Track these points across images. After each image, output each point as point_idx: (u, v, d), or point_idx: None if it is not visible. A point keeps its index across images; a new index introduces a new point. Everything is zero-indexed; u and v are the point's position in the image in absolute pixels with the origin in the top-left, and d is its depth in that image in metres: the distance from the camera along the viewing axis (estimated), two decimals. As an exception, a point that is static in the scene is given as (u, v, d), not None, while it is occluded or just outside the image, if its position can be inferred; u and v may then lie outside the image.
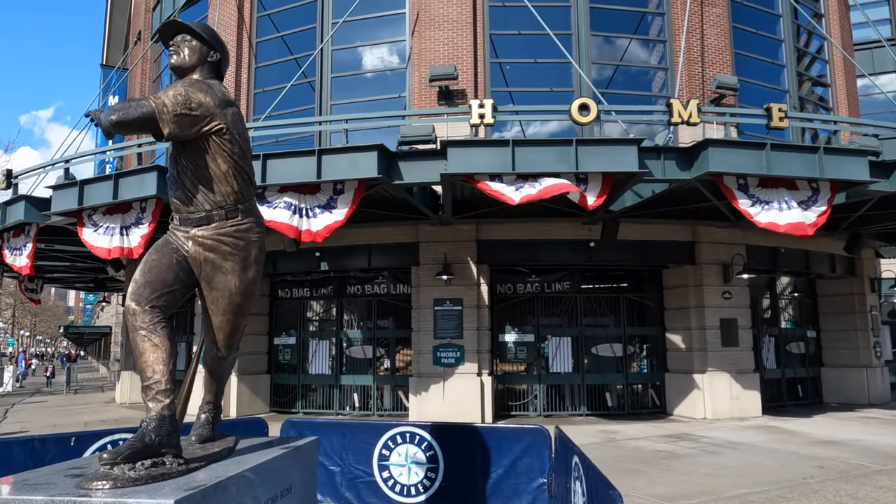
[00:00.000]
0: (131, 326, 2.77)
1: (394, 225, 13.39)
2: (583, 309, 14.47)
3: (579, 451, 4.14)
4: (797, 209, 9.78)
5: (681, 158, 10.10)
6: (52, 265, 19.16)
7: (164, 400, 2.71)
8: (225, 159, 3.02)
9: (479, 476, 5.37)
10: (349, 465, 5.65)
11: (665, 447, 10.19)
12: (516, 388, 14.25)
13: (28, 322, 77.13)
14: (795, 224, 9.84)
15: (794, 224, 9.83)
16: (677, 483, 7.75)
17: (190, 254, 3.04)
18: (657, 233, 13.57)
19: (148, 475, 2.49)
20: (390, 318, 15.00)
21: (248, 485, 2.75)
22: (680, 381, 13.80)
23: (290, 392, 15.28)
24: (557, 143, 9.75)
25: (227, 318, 3.15)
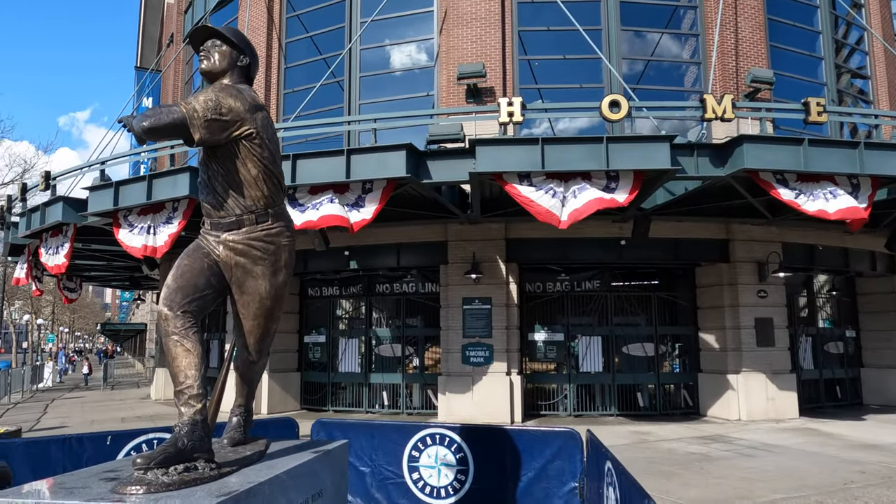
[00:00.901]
0: (163, 331, 2.79)
1: (422, 224, 13.38)
2: (613, 308, 14.29)
3: (612, 456, 4.07)
4: (845, 196, 9.41)
5: (714, 155, 9.89)
6: (89, 264, 19.61)
7: (196, 405, 2.72)
8: (255, 164, 3.02)
9: (510, 479, 5.32)
10: (379, 465, 5.65)
11: (698, 449, 10.01)
12: (546, 388, 14.14)
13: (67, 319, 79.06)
14: (848, 209, 9.43)
15: (847, 209, 9.42)
16: (711, 486, 7.60)
17: (221, 258, 3.05)
18: (690, 230, 13.33)
19: (181, 480, 2.50)
20: (419, 316, 15.01)
21: (280, 490, 2.75)
22: (713, 382, 13.55)
23: (320, 390, 15.40)
24: (587, 140, 9.63)
25: (258, 322, 3.16)
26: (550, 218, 9.76)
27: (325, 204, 10.07)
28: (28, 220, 14.23)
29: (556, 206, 9.63)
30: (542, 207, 9.74)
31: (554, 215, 9.73)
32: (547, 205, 9.67)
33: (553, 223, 9.75)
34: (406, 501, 5.55)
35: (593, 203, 9.61)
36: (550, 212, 9.72)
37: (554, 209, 9.69)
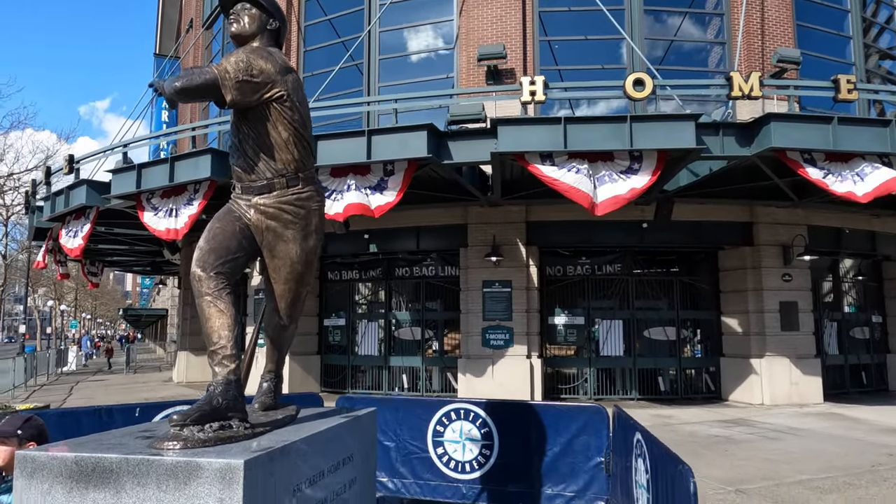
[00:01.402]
0: (197, 292, 2.79)
1: (442, 206, 13.35)
2: (634, 291, 14.18)
3: (642, 427, 4.03)
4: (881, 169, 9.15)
5: (740, 134, 9.73)
6: (111, 249, 19.85)
7: (230, 365, 2.72)
8: (286, 127, 3.00)
9: (535, 454, 5.30)
10: (403, 440, 5.66)
11: (721, 432, 9.93)
12: (566, 372, 14.10)
13: (89, 305, 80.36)
14: (885, 183, 9.11)
15: (884, 184, 9.11)
16: (736, 467, 7.53)
17: (252, 222, 3.04)
18: (713, 213, 13.16)
19: (216, 437, 2.51)
20: (438, 300, 15.01)
21: (312, 451, 2.75)
22: (736, 366, 13.42)
23: (340, 373, 15.49)
24: (611, 119, 9.52)
25: (289, 286, 3.15)
26: (580, 197, 9.54)
27: (347, 192, 10.05)
28: (52, 203, 14.40)
29: (585, 185, 9.43)
30: (566, 185, 9.60)
31: (586, 195, 9.49)
32: (571, 181, 9.53)
33: (584, 204, 9.54)
34: (431, 476, 5.56)
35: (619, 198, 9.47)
36: (580, 190, 9.50)
37: (583, 187, 9.48)
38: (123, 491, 2.26)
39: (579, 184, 9.57)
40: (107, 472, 2.27)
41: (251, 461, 2.25)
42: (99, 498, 2.26)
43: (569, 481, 5.20)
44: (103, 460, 2.28)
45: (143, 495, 2.24)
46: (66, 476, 2.29)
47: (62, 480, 2.29)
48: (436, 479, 5.54)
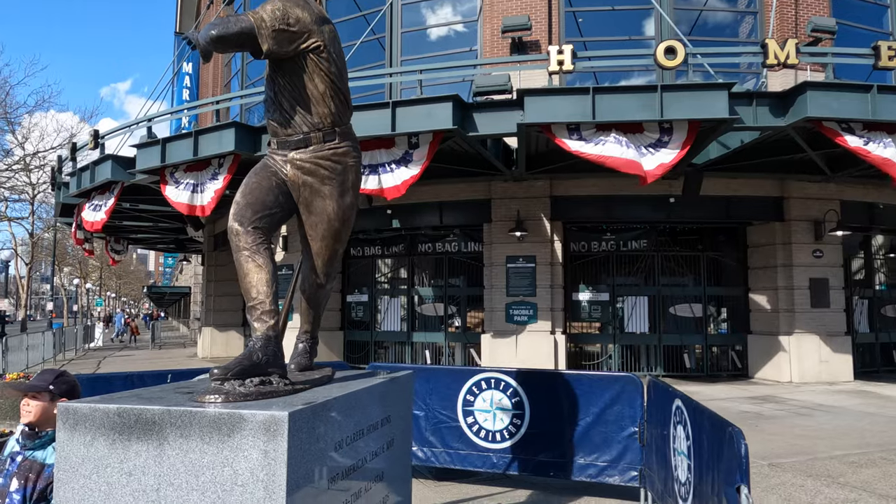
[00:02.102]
0: (234, 247, 2.73)
1: (465, 181, 13.22)
2: (660, 268, 14.00)
3: (682, 394, 3.94)
4: None
5: (775, 104, 9.45)
6: (135, 226, 20.02)
7: (269, 321, 2.67)
8: (322, 79, 2.91)
9: (567, 424, 5.23)
10: (433, 409, 5.62)
11: (751, 408, 9.80)
12: (590, 348, 14.01)
13: (113, 284, 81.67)
14: None
15: None
16: (768, 442, 7.42)
17: (289, 178, 2.97)
18: (743, 187, 12.89)
19: (258, 392, 2.47)
20: (461, 275, 14.95)
21: (353, 409, 2.70)
22: (764, 343, 13.22)
23: (362, 348, 15.54)
24: (641, 89, 9.29)
25: (326, 243, 3.08)
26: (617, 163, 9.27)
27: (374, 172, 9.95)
28: (78, 179, 14.51)
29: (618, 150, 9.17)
30: (596, 154, 9.39)
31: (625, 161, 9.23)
32: (601, 151, 9.31)
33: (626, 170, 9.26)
34: (461, 445, 5.52)
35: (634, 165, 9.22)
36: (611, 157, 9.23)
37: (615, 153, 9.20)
38: (166, 442, 2.22)
39: (611, 152, 9.33)
40: (149, 424, 2.24)
41: (295, 413, 2.20)
42: (142, 449, 2.23)
43: (601, 451, 5.13)
44: (146, 412, 2.24)
45: (186, 447, 2.20)
46: (108, 428, 2.26)
47: (105, 432, 2.26)
48: (466, 448, 5.50)
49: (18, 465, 2.70)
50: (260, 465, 2.15)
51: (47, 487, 2.66)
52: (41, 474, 2.67)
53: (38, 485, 2.66)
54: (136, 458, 2.23)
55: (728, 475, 2.86)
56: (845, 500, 5.27)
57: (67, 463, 2.27)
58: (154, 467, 2.22)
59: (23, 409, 2.78)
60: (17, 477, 2.67)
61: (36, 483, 2.66)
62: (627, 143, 9.12)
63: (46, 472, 2.68)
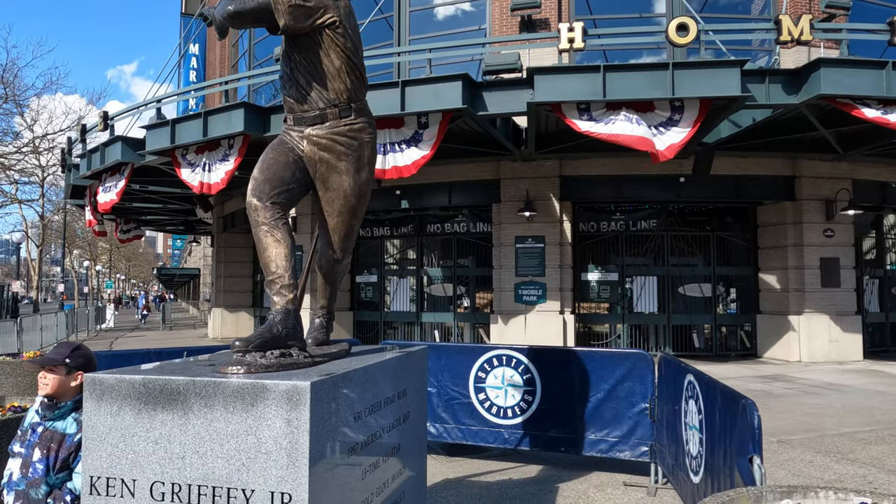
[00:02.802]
0: (253, 222, 2.76)
1: (475, 161, 13.19)
2: (670, 248, 13.98)
3: (694, 370, 3.97)
4: None
5: (788, 81, 9.36)
6: (145, 207, 20.11)
7: (289, 294, 2.71)
8: (338, 54, 2.92)
9: (578, 400, 5.28)
10: (445, 386, 5.68)
11: (759, 387, 9.83)
12: (598, 328, 14.05)
13: (123, 266, 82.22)
14: None
15: None
16: (776, 420, 7.46)
17: (305, 154, 2.99)
18: (753, 167, 12.81)
19: (279, 363, 2.51)
20: (471, 256, 14.98)
21: (371, 381, 2.75)
22: (773, 323, 13.22)
23: (372, 328, 15.64)
24: (652, 67, 9.21)
25: (342, 219, 3.11)
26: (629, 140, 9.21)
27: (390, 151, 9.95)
28: (88, 160, 14.57)
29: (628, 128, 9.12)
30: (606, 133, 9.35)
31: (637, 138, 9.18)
32: (611, 129, 9.26)
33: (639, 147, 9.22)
34: (472, 421, 5.59)
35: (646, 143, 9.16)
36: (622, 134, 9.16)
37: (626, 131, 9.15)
38: (191, 412, 2.27)
39: (622, 129, 9.27)
40: (174, 394, 2.29)
41: (317, 383, 2.24)
42: (167, 419, 2.28)
43: (612, 427, 5.18)
44: (170, 382, 2.29)
45: (210, 416, 2.25)
46: (134, 398, 2.31)
47: (130, 402, 2.31)
48: (478, 424, 5.57)
49: (40, 436, 2.76)
50: (283, 433, 2.20)
51: (69, 456, 2.73)
52: (62, 444, 2.73)
53: (60, 454, 2.72)
54: (162, 426, 2.28)
55: (741, 446, 2.90)
56: (854, 475, 5.31)
57: (95, 432, 2.33)
58: (179, 436, 2.27)
59: (40, 381, 2.83)
60: (38, 447, 2.74)
61: (58, 452, 2.72)
62: (638, 120, 9.07)
63: (67, 441, 2.74)
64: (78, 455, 2.69)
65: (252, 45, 18.67)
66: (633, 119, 9.03)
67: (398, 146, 9.87)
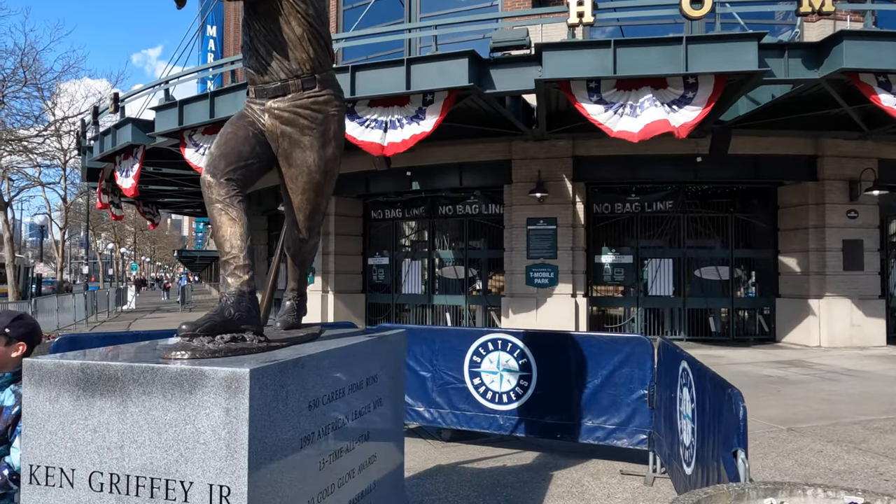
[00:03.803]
0: (207, 199, 2.63)
1: (485, 141, 12.96)
2: (686, 229, 13.64)
3: (688, 356, 3.78)
4: None
5: (808, 55, 8.96)
6: (162, 190, 20.21)
7: (244, 276, 2.58)
8: (299, 21, 2.75)
9: (575, 386, 5.11)
10: (440, 370, 5.55)
11: (775, 372, 9.56)
12: (612, 312, 13.81)
13: (147, 249, 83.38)
14: None
15: None
16: (789, 407, 7.22)
17: (266, 128, 2.84)
18: (773, 146, 12.39)
19: (227, 348, 2.39)
20: (482, 238, 14.80)
21: (331, 367, 2.61)
22: (792, 307, 12.86)
23: (384, 311, 15.58)
24: (664, 41, 8.86)
25: (307, 196, 2.96)
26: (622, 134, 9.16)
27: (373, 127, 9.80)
28: (101, 143, 14.62)
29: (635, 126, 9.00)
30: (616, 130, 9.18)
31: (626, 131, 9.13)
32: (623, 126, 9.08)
33: (626, 138, 9.15)
34: (467, 406, 5.45)
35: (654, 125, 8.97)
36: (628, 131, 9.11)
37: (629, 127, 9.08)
38: (129, 399, 2.16)
39: (627, 126, 9.11)
40: (112, 381, 2.18)
41: (258, 370, 2.11)
42: (105, 406, 2.18)
43: (610, 413, 5.01)
44: (108, 368, 2.18)
45: (148, 404, 2.14)
46: (72, 384, 2.21)
47: (69, 388, 2.21)
48: (472, 409, 5.43)
49: None
50: (222, 423, 2.08)
51: (6, 429, 2.63)
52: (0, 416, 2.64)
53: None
54: (101, 414, 2.18)
55: (727, 438, 2.72)
56: (865, 466, 5.09)
57: (34, 419, 2.23)
58: (118, 424, 2.17)
59: None
60: None
61: None
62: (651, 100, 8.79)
63: (5, 413, 2.64)
64: (16, 428, 2.58)
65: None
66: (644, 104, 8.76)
67: (398, 122, 9.69)
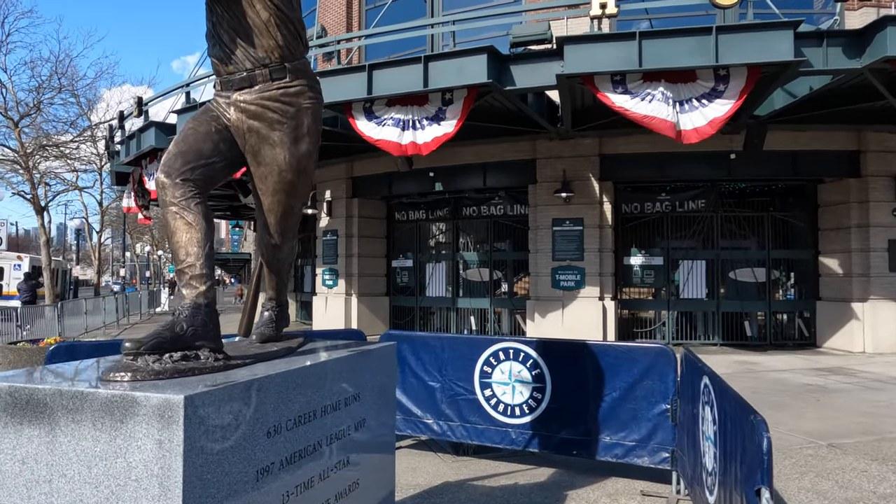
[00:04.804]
0: (161, 202, 2.39)
1: (509, 140, 12.62)
2: (720, 229, 13.08)
3: (710, 370, 3.42)
4: None
5: (849, 44, 8.41)
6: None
7: (200, 286, 2.32)
8: (264, 5, 2.50)
9: (592, 398, 4.77)
10: (449, 381, 5.25)
11: (814, 381, 9.02)
12: (642, 315, 13.33)
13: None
14: None
15: None
16: (828, 419, 6.73)
17: (232, 123, 2.59)
18: (812, 141, 11.77)
19: (174, 369, 2.13)
20: (507, 240, 14.46)
21: (297, 387, 2.34)
22: (834, 310, 12.21)
23: (408, 314, 15.34)
24: (693, 32, 8.41)
25: (277, 198, 2.70)
26: (660, 126, 8.66)
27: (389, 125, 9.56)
28: (126, 147, 14.71)
29: (664, 111, 8.52)
30: (640, 114, 8.72)
31: (668, 123, 8.61)
32: (646, 110, 8.63)
33: (667, 133, 8.66)
34: (478, 419, 5.15)
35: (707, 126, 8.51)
36: (657, 117, 8.62)
37: (661, 114, 8.58)
38: (58, 427, 1.92)
39: (657, 111, 8.64)
40: (41, 407, 1.94)
41: (197, 396, 1.84)
42: (34, 434, 1.94)
43: (629, 429, 4.65)
44: (37, 392, 1.95)
45: (78, 434, 1.89)
46: (1, 409, 1.98)
47: (-3, 413, 1.98)
48: (483, 422, 5.12)
49: None
50: (154, 457, 1.82)
51: None
52: None
53: None
54: (29, 444, 1.94)
55: (750, 472, 2.37)
56: (914, 489, 4.62)
57: (-40, 447, 2.01)
58: (46, 455, 1.93)
59: None
60: None
61: None
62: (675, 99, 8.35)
63: None
64: None
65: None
66: (670, 99, 8.32)
67: (419, 122, 9.42)
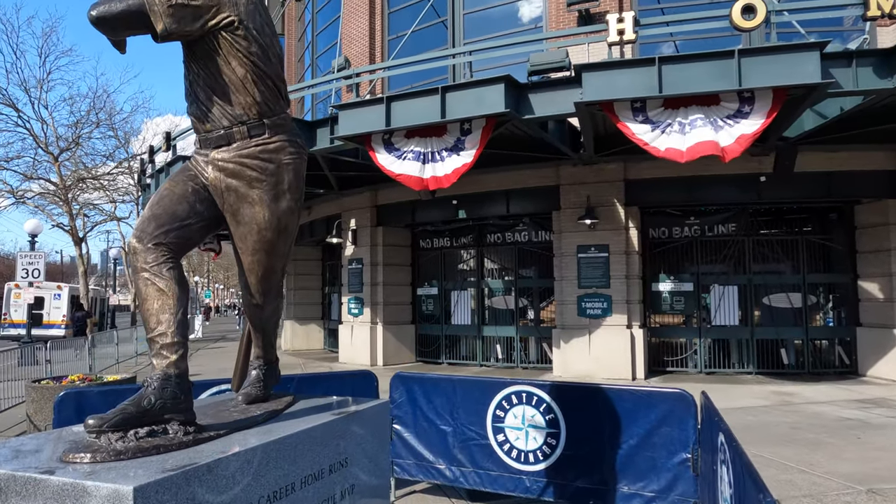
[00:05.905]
0: (133, 268, 2.32)
1: (532, 167, 12.49)
2: (752, 254, 12.68)
3: (726, 427, 3.19)
4: None
5: (880, 63, 8.11)
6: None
7: (171, 356, 2.23)
8: (241, 62, 2.43)
9: (608, 446, 4.55)
10: (461, 425, 5.09)
11: (855, 414, 8.57)
12: (673, 342, 12.94)
13: (221, 276, 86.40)
14: None
15: None
16: (870, 461, 6.34)
17: (210, 181, 2.52)
18: (847, 161, 11.36)
19: (136, 447, 2.03)
20: (532, 266, 14.25)
21: (268, 462, 2.22)
22: (876, 337, 11.66)
23: (434, 342, 15.19)
24: (715, 55, 8.20)
25: (257, 258, 2.61)
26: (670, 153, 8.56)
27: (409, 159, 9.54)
28: (156, 180, 14.99)
29: (677, 141, 8.39)
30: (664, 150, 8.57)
31: (674, 149, 8.52)
32: (671, 143, 8.47)
33: (674, 158, 8.54)
34: (491, 465, 4.96)
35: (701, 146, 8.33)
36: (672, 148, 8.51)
37: (675, 144, 8.47)
38: (12, 513, 1.83)
39: (674, 143, 8.49)
40: (-5, 491, 1.85)
41: (148, 487, 1.74)
42: (-13, 522, 1.86)
43: (649, 479, 4.41)
44: (-11, 477, 1.86)
45: (30, 524, 1.80)
46: (-43, 492, 1.90)
47: (-47, 497, 1.91)
48: (497, 469, 4.93)
49: None
50: (104, 552, 1.72)
51: None
52: None
53: None
54: (-18, 532, 1.86)
55: (762, 555, 2.15)
56: (962, 546, 4.27)
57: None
58: (-1, 546, 1.84)
59: None
60: None
61: None
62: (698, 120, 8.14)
63: None
64: None
65: (315, 58, 18.77)
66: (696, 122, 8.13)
67: (438, 154, 9.36)
